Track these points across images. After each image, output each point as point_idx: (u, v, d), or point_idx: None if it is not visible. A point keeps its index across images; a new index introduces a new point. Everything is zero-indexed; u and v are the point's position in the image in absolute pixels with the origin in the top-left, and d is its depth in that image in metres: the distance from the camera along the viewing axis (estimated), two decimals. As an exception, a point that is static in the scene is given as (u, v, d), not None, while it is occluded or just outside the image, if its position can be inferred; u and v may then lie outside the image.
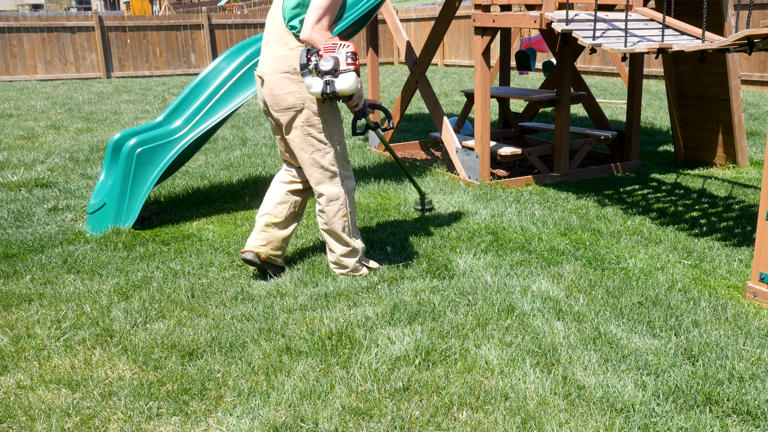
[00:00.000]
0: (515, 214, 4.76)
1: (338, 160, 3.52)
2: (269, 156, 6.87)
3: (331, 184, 3.52)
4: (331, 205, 3.54)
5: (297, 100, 3.38)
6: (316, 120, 3.41)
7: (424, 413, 2.46)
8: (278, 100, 3.41)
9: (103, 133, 8.58)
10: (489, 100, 5.31)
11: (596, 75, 14.04)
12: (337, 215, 3.55)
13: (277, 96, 3.41)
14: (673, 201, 5.05)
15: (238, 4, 30.29)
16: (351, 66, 3.19)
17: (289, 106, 3.40)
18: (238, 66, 4.80)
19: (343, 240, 3.60)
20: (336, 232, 3.58)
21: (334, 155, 3.50)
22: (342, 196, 3.55)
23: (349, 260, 3.65)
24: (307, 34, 3.25)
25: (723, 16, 5.38)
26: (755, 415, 2.40)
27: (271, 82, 3.41)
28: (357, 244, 3.65)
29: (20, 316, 3.33)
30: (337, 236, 3.60)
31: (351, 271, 3.67)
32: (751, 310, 3.22)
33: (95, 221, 4.56)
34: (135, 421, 2.46)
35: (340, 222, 3.57)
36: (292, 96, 3.38)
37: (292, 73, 3.36)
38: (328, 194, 3.53)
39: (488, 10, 5.18)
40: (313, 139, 3.44)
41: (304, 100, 3.38)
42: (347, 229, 3.60)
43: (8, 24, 15.52)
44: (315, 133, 3.43)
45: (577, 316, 3.17)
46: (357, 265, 3.68)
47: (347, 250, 3.63)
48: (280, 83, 3.39)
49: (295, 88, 3.37)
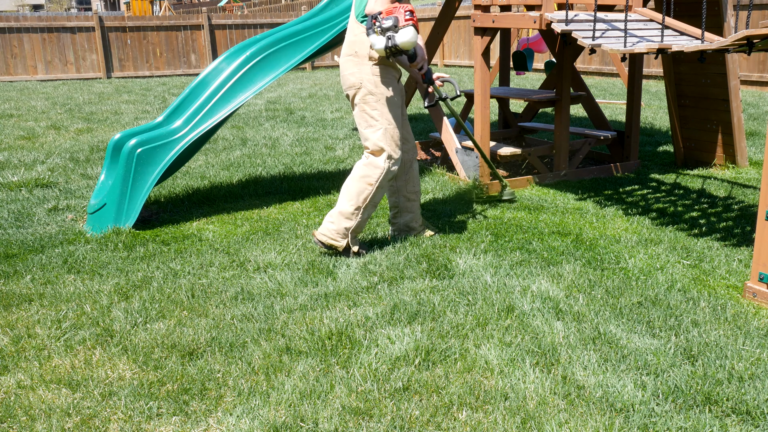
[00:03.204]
0: (515, 214, 4.76)
1: (387, 138, 3.84)
2: (269, 156, 6.87)
3: (378, 157, 3.87)
4: (368, 168, 3.87)
5: (356, 79, 3.83)
6: (370, 98, 3.82)
7: (424, 413, 2.46)
8: (344, 80, 3.91)
9: (103, 133, 8.58)
10: (489, 101, 5.31)
11: (596, 75, 14.05)
12: (365, 179, 3.86)
13: (343, 76, 3.91)
14: (673, 201, 5.05)
15: (238, 5, 30.30)
16: (409, 21, 3.54)
17: (350, 85, 3.87)
18: (239, 66, 4.81)
19: (353, 201, 3.87)
20: (353, 191, 3.87)
21: (384, 133, 3.83)
22: (381, 169, 3.85)
23: (342, 221, 3.88)
24: (371, 6, 3.65)
25: (722, 16, 5.39)
26: (754, 415, 2.40)
27: (341, 64, 3.93)
28: (358, 217, 3.88)
29: (20, 316, 3.33)
30: (351, 195, 3.87)
31: (336, 230, 3.89)
32: (750, 310, 3.22)
33: (95, 221, 4.57)
34: (135, 421, 2.47)
35: (362, 185, 3.86)
36: (353, 76, 3.84)
37: (354, 56, 3.83)
38: (372, 161, 3.88)
39: (488, 11, 5.18)
40: (366, 114, 3.85)
41: (362, 79, 3.81)
42: (363, 198, 3.86)
43: (8, 24, 15.53)
44: (368, 109, 3.84)
45: (576, 316, 3.17)
46: (344, 231, 3.89)
47: (348, 212, 3.87)
48: (346, 65, 3.88)
49: (355, 69, 3.83)
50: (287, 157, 6.84)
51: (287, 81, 14.71)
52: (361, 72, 3.81)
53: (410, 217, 4.23)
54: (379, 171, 3.85)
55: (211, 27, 17.30)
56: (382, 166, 3.85)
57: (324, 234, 3.91)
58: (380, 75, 3.81)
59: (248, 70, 4.80)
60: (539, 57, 14.67)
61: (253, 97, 9.05)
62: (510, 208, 4.90)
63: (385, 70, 3.83)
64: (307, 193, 5.42)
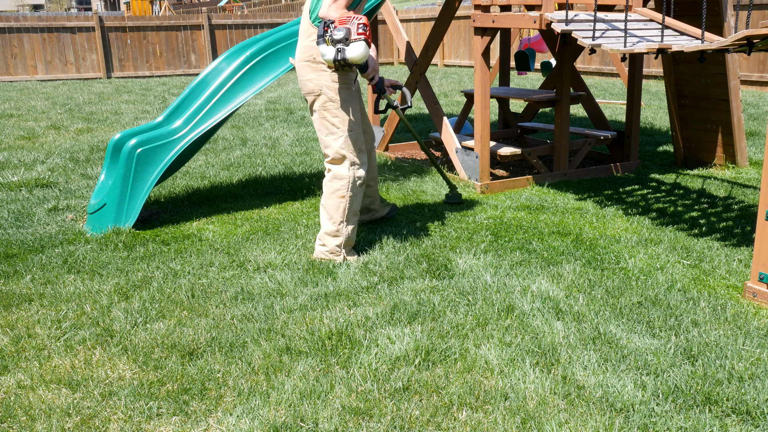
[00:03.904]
0: (515, 214, 4.76)
1: (349, 146, 3.80)
2: (269, 156, 6.88)
3: (340, 166, 3.84)
4: (334, 182, 3.84)
5: (315, 86, 3.75)
6: (330, 105, 3.75)
7: (424, 413, 2.46)
8: (302, 85, 3.84)
9: (103, 133, 8.58)
10: (489, 101, 5.32)
11: (596, 75, 14.05)
12: (336, 193, 3.84)
13: (301, 81, 3.84)
14: (673, 201, 5.05)
15: (238, 5, 30.31)
16: (361, 36, 3.42)
17: (309, 91, 3.80)
18: (238, 66, 4.81)
19: (333, 219, 3.85)
20: (330, 208, 3.85)
21: (345, 140, 3.78)
22: (347, 179, 3.83)
23: (331, 240, 3.88)
24: (324, 11, 3.55)
25: (722, 16, 5.39)
26: (754, 415, 2.40)
27: (297, 69, 3.84)
28: (344, 230, 3.87)
29: (20, 316, 3.33)
30: (329, 213, 3.86)
31: (329, 251, 3.89)
32: (750, 310, 3.22)
33: (95, 221, 4.57)
34: (135, 421, 2.47)
35: (336, 200, 3.84)
36: (311, 82, 3.76)
37: (312, 61, 3.74)
38: (334, 172, 3.85)
39: (488, 11, 5.18)
40: (327, 122, 3.78)
41: (321, 87, 3.74)
42: (341, 211, 3.85)
43: (8, 24, 15.53)
44: (329, 116, 3.77)
45: (576, 316, 3.17)
46: (336, 249, 3.89)
47: (333, 230, 3.86)
48: (303, 70, 3.80)
49: (313, 75, 3.75)
50: (287, 157, 6.84)
51: (287, 81, 14.71)
52: (320, 78, 3.72)
53: (369, 200, 4.46)
54: (345, 181, 3.82)
55: (211, 27, 17.31)
56: (346, 174, 3.82)
57: (319, 256, 3.93)
58: (339, 81, 3.73)
59: (248, 70, 4.80)
60: (538, 57, 14.67)
61: (253, 97, 9.05)
62: (510, 208, 4.90)
63: (345, 75, 3.76)
64: (307, 193, 5.42)
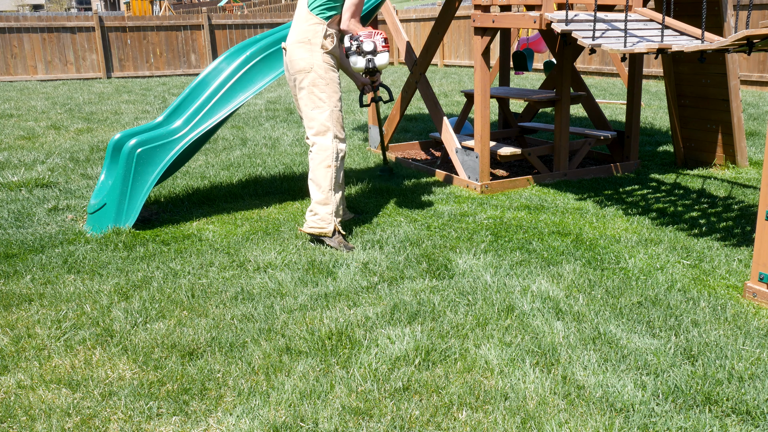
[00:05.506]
0: (515, 214, 4.76)
1: (333, 119, 4.16)
2: (269, 156, 6.87)
3: (324, 137, 4.17)
4: (320, 153, 4.16)
5: (307, 64, 4.12)
6: (320, 81, 4.13)
7: (423, 413, 2.46)
8: (293, 65, 4.17)
9: (103, 133, 8.58)
10: (489, 101, 5.32)
11: (596, 75, 14.05)
12: (322, 163, 4.15)
13: (293, 61, 4.16)
14: (673, 201, 5.05)
15: (238, 5, 30.31)
16: (386, 48, 4.22)
17: (300, 69, 4.14)
18: (238, 66, 4.81)
19: (322, 187, 4.16)
20: (318, 178, 4.16)
21: (330, 114, 4.15)
22: (330, 149, 4.15)
23: (322, 208, 4.16)
24: (346, 25, 4.18)
25: (722, 16, 5.39)
26: (754, 415, 2.40)
27: (289, 49, 4.19)
28: (333, 198, 4.18)
29: (20, 316, 3.33)
30: (318, 183, 4.17)
31: (320, 218, 4.16)
32: (750, 310, 3.22)
33: (95, 221, 4.57)
34: (135, 421, 2.47)
35: (323, 170, 4.15)
36: (304, 61, 4.12)
37: (308, 43, 4.12)
38: (319, 144, 4.17)
39: (488, 11, 5.18)
40: (315, 97, 4.14)
41: (313, 65, 4.12)
42: (329, 179, 4.16)
43: (8, 24, 15.53)
44: (317, 92, 4.13)
45: (576, 316, 3.17)
46: (328, 216, 4.16)
47: (322, 198, 4.16)
48: (297, 50, 4.14)
49: (307, 55, 4.12)
50: (287, 157, 6.84)
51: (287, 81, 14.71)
52: (313, 58, 4.12)
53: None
54: (330, 151, 4.15)
55: (211, 27, 17.31)
56: (330, 145, 4.15)
57: (311, 227, 4.18)
58: (329, 63, 4.17)
59: (248, 70, 4.80)
60: (539, 57, 14.66)
61: (253, 97, 9.05)
62: (510, 208, 4.91)
63: (332, 60, 4.19)
64: (307, 193, 5.41)
